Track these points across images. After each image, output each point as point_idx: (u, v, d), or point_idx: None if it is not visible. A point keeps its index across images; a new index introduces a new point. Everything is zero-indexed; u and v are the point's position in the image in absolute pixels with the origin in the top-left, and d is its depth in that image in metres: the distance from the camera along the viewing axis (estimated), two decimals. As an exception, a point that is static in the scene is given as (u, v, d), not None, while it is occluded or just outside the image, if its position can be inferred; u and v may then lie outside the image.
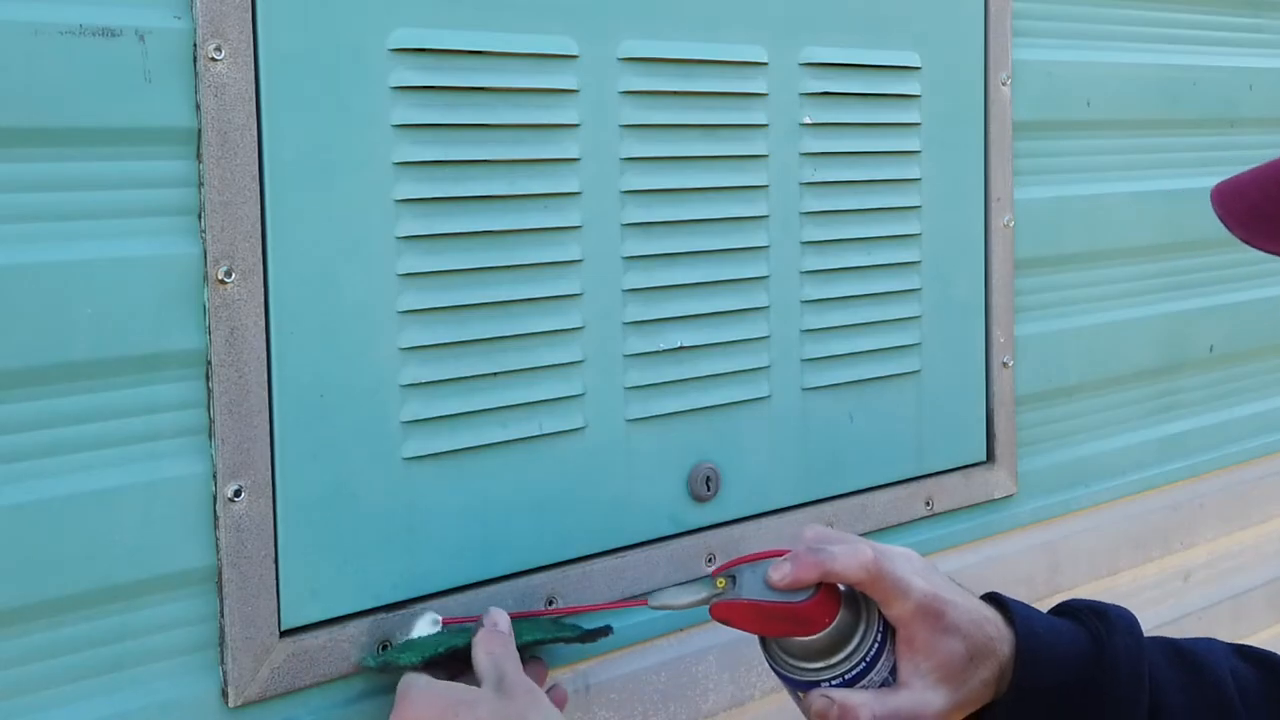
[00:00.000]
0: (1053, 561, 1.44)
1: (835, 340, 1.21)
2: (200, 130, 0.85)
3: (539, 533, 1.03)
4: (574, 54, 1.02)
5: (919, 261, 1.27)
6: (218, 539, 0.87)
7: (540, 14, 1.01)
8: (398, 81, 0.93)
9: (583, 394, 1.05)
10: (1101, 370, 1.48)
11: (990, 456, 1.36)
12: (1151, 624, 1.56)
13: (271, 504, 0.89)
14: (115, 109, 0.82)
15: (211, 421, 0.87)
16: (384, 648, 0.93)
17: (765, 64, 1.14)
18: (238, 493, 0.87)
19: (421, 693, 0.86)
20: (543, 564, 1.04)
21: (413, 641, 0.94)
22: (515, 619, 0.94)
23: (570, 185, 1.03)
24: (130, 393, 0.84)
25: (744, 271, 1.14)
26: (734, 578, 0.89)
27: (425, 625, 0.95)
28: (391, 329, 0.94)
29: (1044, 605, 1.44)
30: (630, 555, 1.08)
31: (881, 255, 1.23)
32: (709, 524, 1.14)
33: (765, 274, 1.15)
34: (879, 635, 0.88)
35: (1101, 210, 1.46)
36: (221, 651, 0.88)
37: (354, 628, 0.93)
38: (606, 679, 1.08)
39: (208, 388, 0.87)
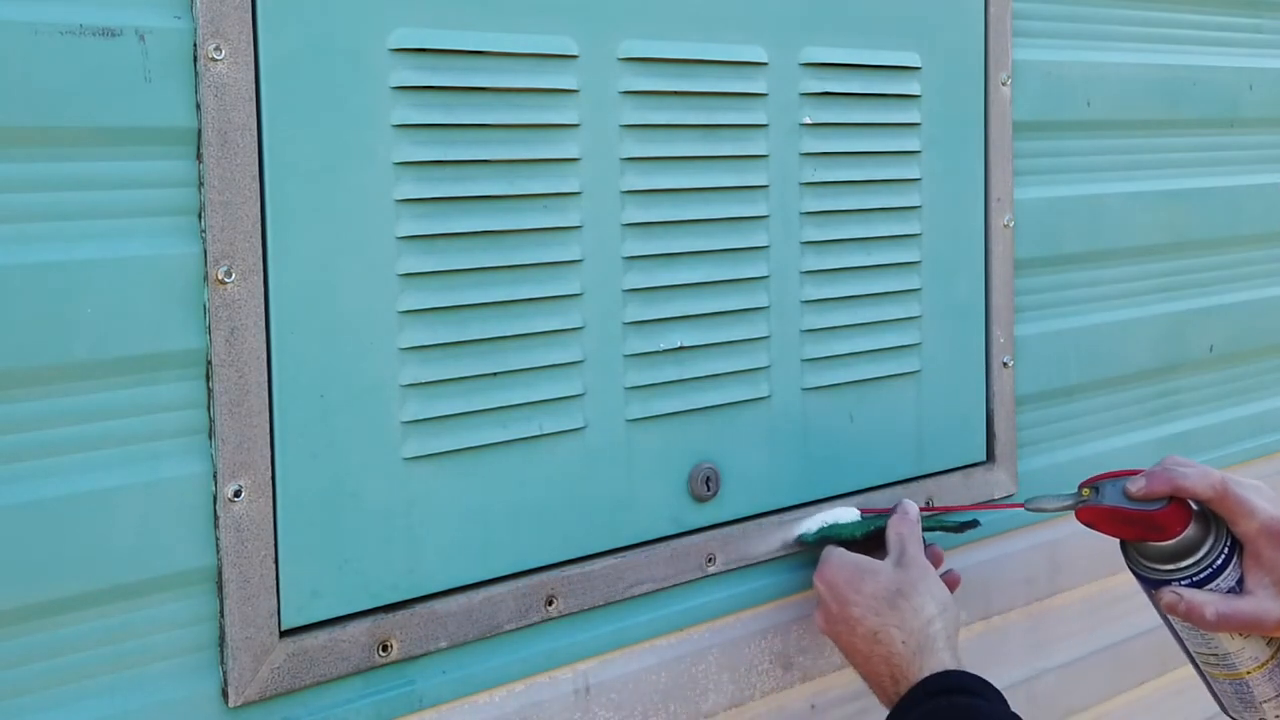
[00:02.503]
0: (1053, 561, 1.44)
1: (835, 340, 1.21)
2: (200, 130, 0.85)
3: (539, 533, 1.03)
4: (574, 54, 1.02)
5: (919, 261, 1.27)
6: (218, 539, 0.87)
7: (540, 14, 1.01)
8: (398, 81, 0.93)
9: (583, 394, 1.05)
10: (1101, 370, 1.48)
11: (990, 456, 1.36)
12: (1151, 624, 1.56)
13: (271, 504, 0.89)
14: (115, 109, 0.82)
15: (211, 421, 0.87)
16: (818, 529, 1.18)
17: (765, 64, 1.14)
18: (238, 493, 0.87)
19: (838, 559, 1.11)
20: (543, 564, 1.04)
21: (840, 525, 1.18)
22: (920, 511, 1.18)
23: (570, 185, 1.03)
24: (130, 393, 0.84)
25: (744, 271, 1.14)
26: (1098, 489, 1.05)
27: (846, 514, 1.19)
28: (391, 329, 0.94)
29: (1044, 606, 1.44)
30: (630, 555, 1.08)
31: (881, 255, 1.24)
32: (709, 524, 1.14)
33: (765, 274, 1.15)
34: (1225, 547, 1.00)
35: (1101, 210, 1.46)
36: (221, 651, 0.88)
37: (354, 628, 0.93)
38: (606, 679, 1.08)
39: (208, 388, 0.87)
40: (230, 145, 0.86)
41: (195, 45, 0.85)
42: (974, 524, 1.22)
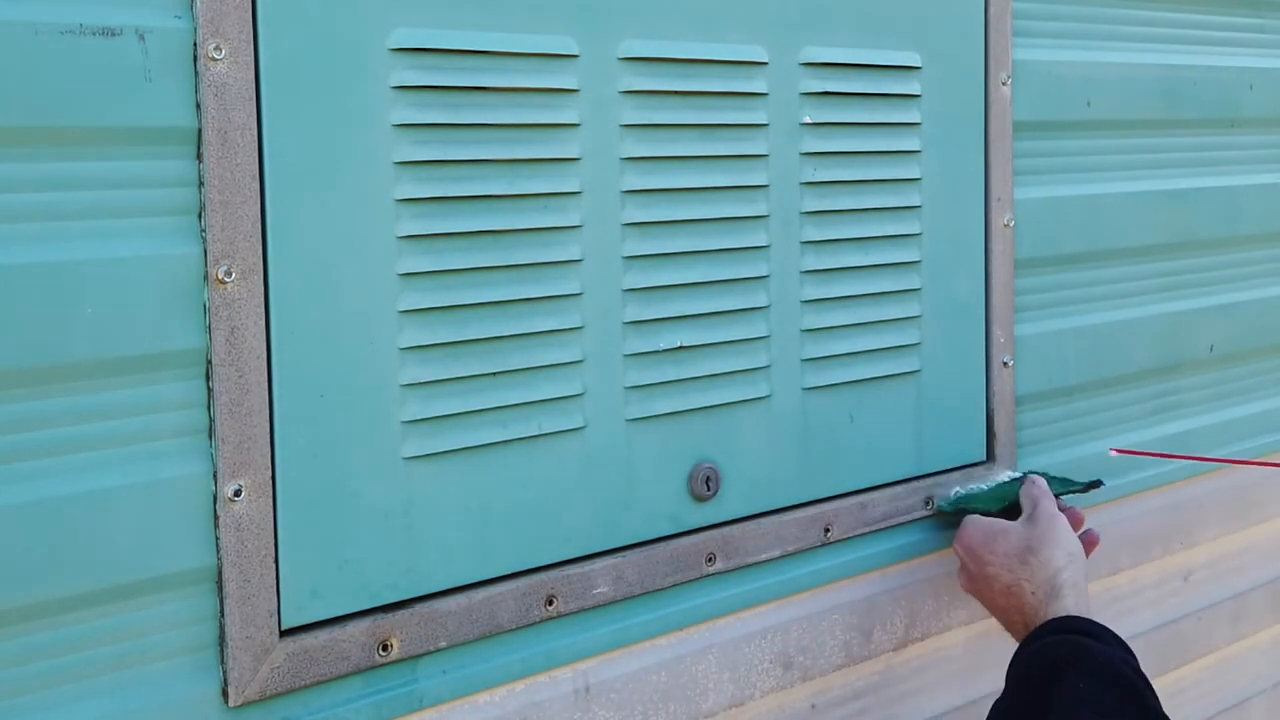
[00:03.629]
0: (1053, 561, 1.44)
1: (835, 340, 1.21)
2: (200, 130, 0.85)
3: (539, 533, 1.03)
4: (574, 54, 1.02)
5: (919, 261, 1.27)
6: (218, 539, 0.87)
7: (540, 14, 1.01)
8: (398, 81, 0.93)
9: (583, 394, 1.05)
10: (1101, 370, 1.48)
11: (990, 456, 1.36)
12: (1151, 624, 1.57)
13: (271, 504, 0.89)
14: (115, 109, 0.82)
15: (211, 421, 0.87)
16: (953, 500, 1.29)
17: (765, 64, 1.14)
18: (238, 492, 0.87)
19: (974, 525, 1.22)
20: (543, 564, 1.04)
21: (976, 494, 1.30)
22: (1036, 474, 1.31)
23: (570, 185, 1.03)
24: (130, 393, 0.84)
25: (744, 271, 1.14)
26: None
27: (979, 487, 1.32)
28: (391, 329, 0.94)
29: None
30: (630, 555, 1.08)
31: (881, 255, 1.24)
32: (709, 524, 1.14)
33: (765, 274, 1.15)
34: None
35: (1101, 210, 1.46)
36: (221, 651, 0.88)
37: (354, 627, 0.93)
38: (606, 679, 1.08)
39: (208, 388, 0.87)
40: (230, 145, 0.86)
41: (195, 45, 0.85)
42: (1099, 483, 1.34)
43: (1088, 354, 1.46)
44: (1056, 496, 1.26)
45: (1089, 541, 1.22)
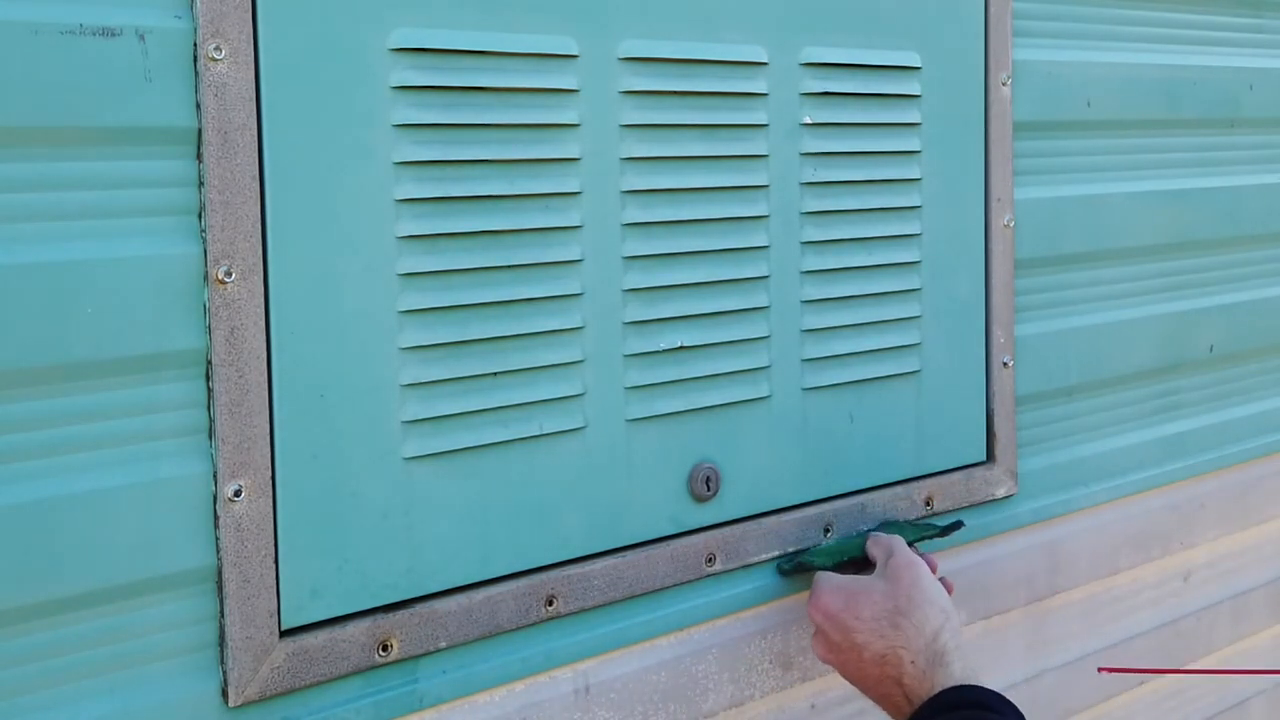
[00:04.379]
0: (1053, 561, 1.44)
1: (835, 340, 1.21)
2: (200, 130, 0.85)
3: (539, 533, 1.03)
4: (574, 54, 1.02)
5: (919, 261, 1.27)
6: (218, 539, 0.87)
7: (540, 14, 1.01)
8: (398, 81, 0.93)
9: (583, 394, 1.05)
10: (1101, 370, 1.48)
11: (990, 456, 1.36)
12: (1151, 624, 1.57)
13: (271, 504, 0.89)
14: (115, 109, 0.82)
15: (211, 421, 0.87)
16: (793, 556, 1.17)
17: (765, 64, 1.14)
18: (238, 493, 0.87)
19: (830, 586, 1.09)
20: (543, 564, 1.04)
21: (818, 549, 1.18)
22: (887, 524, 1.22)
23: (570, 185, 1.03)
24: (130, 393, 0.84)
25: (744, 271, 1.14)
26: None
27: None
28: (391, 329, 0.94)
29: (1044, 606, 1.44)
30: (630, 555, 1.08)
31: (881, 255, 1.23)
32: (709, 524, 1.14)
33: (765, 274, 1.15)
34: None
35: (1101, 210, 1.46)
36: (221, 651, 0.88)
37: (354, 628, 0.93)
38: (606, 679, 1.08)
39: (208, 388, 0.87)
40: (230, 145, 0.86)
41: (195, 45, 0.85)
42: (959, 524, 1.23)
43: (1088, 354, 1.46)
44: (911, 544, 1.17)
45: (946, 588, 1.11)
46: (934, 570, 1.13)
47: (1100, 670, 1.36)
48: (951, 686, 0.98)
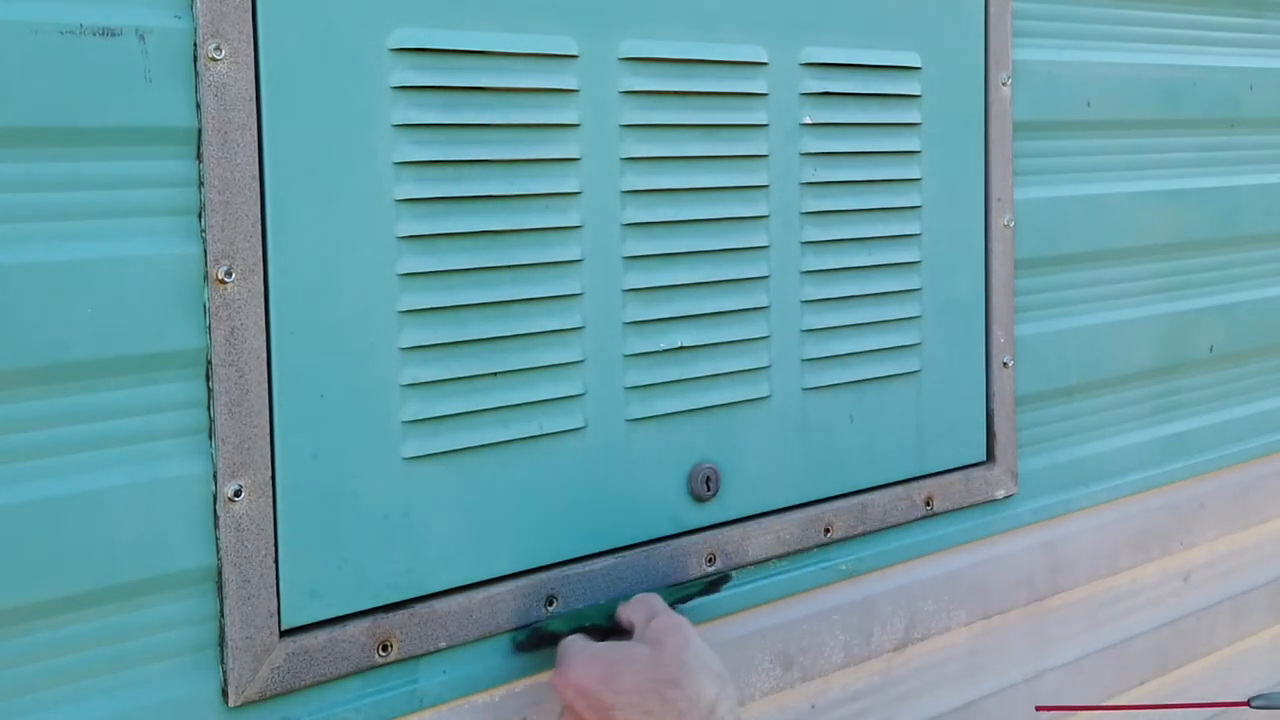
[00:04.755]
0: (1053, 562, 1.44)
1: (835, 340, 1.21)
2: (200, 130, 0.85)
3: (539, 533, 1.03)
4: (574, 54, 1.02)
5: (919, 261, 1.27)
6: (218, 539, 0.87)
7: (540, 14, 1.01)
8: (398, 81, 0.93)
9: (583, 394, 1.05)
10: (1101, 370, 1.48)
11: (990, 456, 1.36)
12: (1151, 624, 1.56)
13: (271, 504, 0.89)
14: (115, 109, 0.82)
15: (211, 421, 0.87)
16: (529, 627, 1.00)
17: (765, 64, 1.14)
18: (238, 493, 0.87)
19: (583, 653, 0.91)
20: (543, 564, 1.04)
21: (558, 615, 1.01)
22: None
23: (570, 185, 1.03)
24: (130, 393, 0.84)
25: (744, 271, 1.14)
26: None
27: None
28: (391, 329, 0.94)
29: (1044, 606, 1.44)
30: (630, 555, 1.08)
31: (881, 255, 1.23)
32: (709, 524, 1.14)
33: (765, 274, 1.15)
34: None
35: (1101, 210, 1.46)
36: (221, 651, 0.88)
37: (354, 628, 0.93)
38: (606, 679, 1.08)
39: (208, 387, 0.87)
40: (230, 145, 0.86)
41: (195, 45, 0.85)
42: (725, 578, 1.11)
43: (1088, 354, 1.46)
44: (672, 604, 1.03)
45: None
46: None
47: (1038, 709, 1.36)
48: None
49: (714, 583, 1.10)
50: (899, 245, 1.25)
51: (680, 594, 1.08)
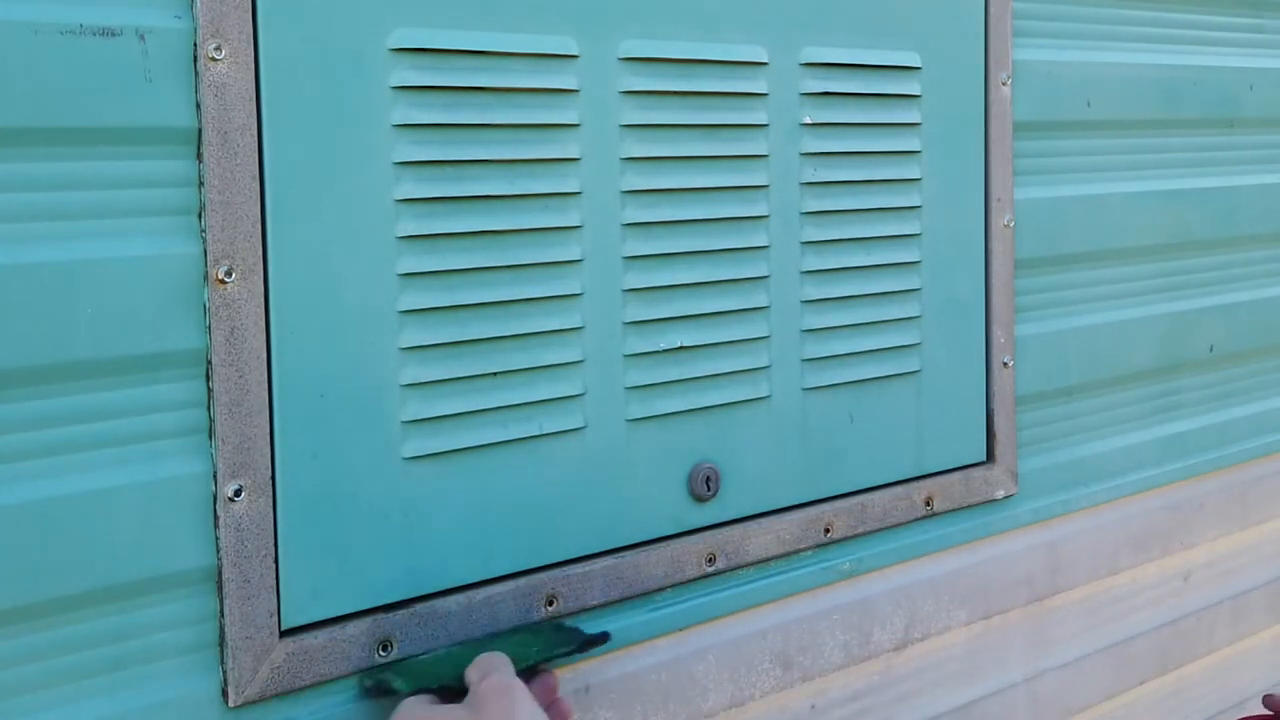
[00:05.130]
0: (1053, 561, 1.44)
1: (835, 340, 1.21)
2: (200, 130, 0.85)
3: (539, 533, 1.03)
4: (574, 54, 1.02)
5: (919, 261, 1.27)
6: (218, 539, 0.87)
7: (540, 14, 1.01)
8: (398, 81, 0.93)
9: (583, 394, 1.05)
10: (1101, 370, 1.48)
11: (990, 456, 1.36)
12: (1151, 624, 1.56)
13: (271, 504, 0.89)
14: (115, 109, 0.82)
15: (211, 421, 0.87)
16: (377, 671, 0.94)
17: (765, 64, 1.14)
18: (238, 492, 0.87)
19: (409, 712, 0.88)
20: (543, 564, 1.04)
21: (414, 661, 0.95)
22: (516, 630, 0.99)
23: (570, 185, 1.03)
24: (130, 393, 0.84)
25: (744, 271, 1.14)
26: None
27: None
28: (391, 329, 0.94)
29: (1044, 606, 1.44)
30: (630, 555, 1.08)
31: (881, 255, 1.24)
32: (709, 524, 1.14)
33: (765, 274, 1.15)
34: None
35: (1101, 210, 1.46)
36: (221, 651, 0.88)
37: (354, 627, 0.93)
38: (606, 679, 1.08)
39: (208, 387, 0.87)
40: (230, 145, 0.86)
41: (195, 45, 0.85)
42: (603, 637, 1.03)
43: (1088, 354, 1.46)
44: (543, 660, 0.99)
45: (562, 712, 0.96)
46: (551, 693, 0.97)
47: None
48: None
49: (590, 641, 1.02)
50: (899, 245, 1.25)
51: (549, 652, 0.99)
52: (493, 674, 0.89)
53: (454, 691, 0.92)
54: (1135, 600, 1.56)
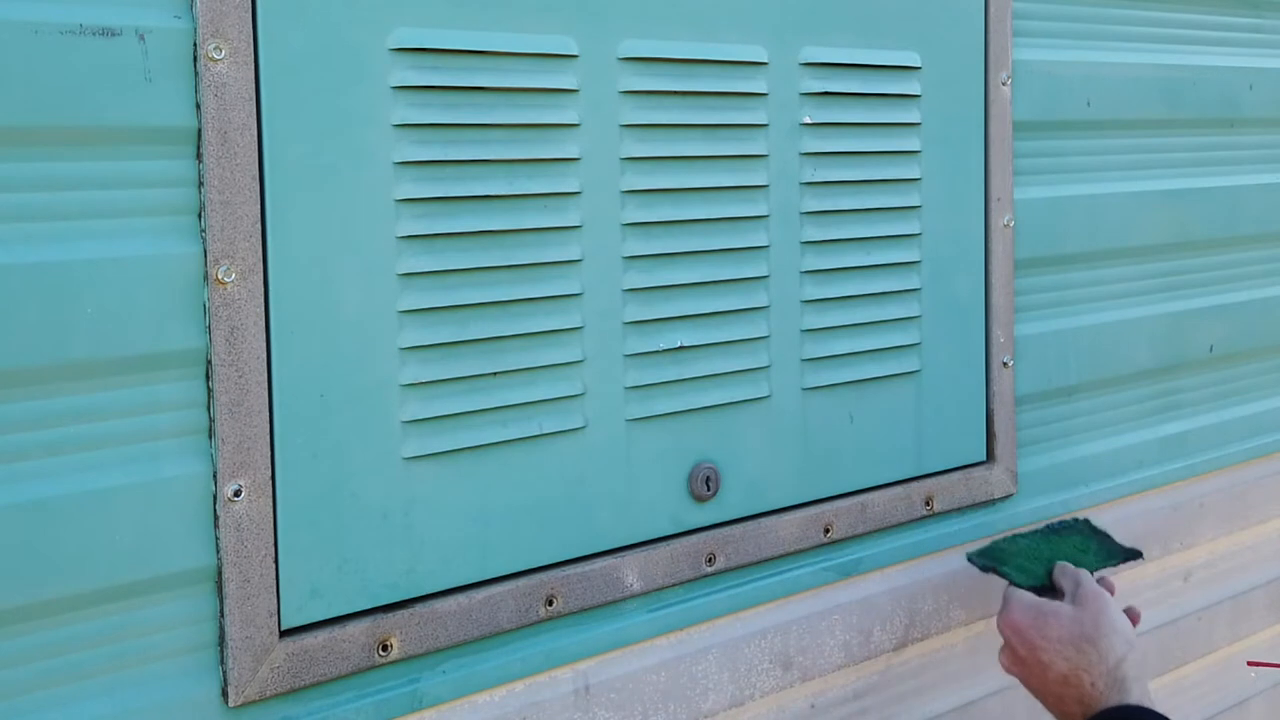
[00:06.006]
0: (1053, 561, 1.44)
1: (835, 340, 1.21)
2: (200, 130, 0.85)
3: (539, 533, 1.03)
4: (574, 54, 1.02)
5: (919, 261, 1.27)
6: (218, 539, 0.87)
7: (540, 14, 1.01)
8: (398, 81, 0.93)
9: (583, 394, 1.05)
10: (1101, 370, 1.48)
11: (990, 456, 1.36)
12: (1151, 624, 1.56)
13: (271, 504, 0.89)
14: (115, 109, 0.82)
15: (211, 421, 0.87)
16: (987, 552, 1.27)
17: (765, 64, 1.14)
18: (238, 492, 0.87)
19: (1020, 603, 1.16)
20: (543, 564, 1.04)
21: (1010, 551, 1.27)
22: (1063, 537, 1.31)
23: (570, 185, 1.03)
24: (130, 393, 0.84)
25: (744, 271, 1.14)
26: None
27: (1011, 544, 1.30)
28: (391, 329, 0.94)
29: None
30: (630, 555, 1.08)
31: (881, 255, 1.24)
32: (709, 524, 1.14)
33: (765, 274, 1.15)
34: None
35: (1101, 210, 1.46)
36: (221, 651, 0.88)
37: (354, 628, 0.93)
38: (606, 679, 1.08)
39: (208, 388, 0.87)
40: (230, 145, 0.86)
41: (195, 45, 0.85)
42: (1138, 554, 1.29)
43: (1088, 354, 1.46)
44: (1093, 570, 1.23)
45: (1131, 617, 1.17)
46: (1113, 593, 1.19)
47: (1249, 664, 1.50)
48: (1118, 705, 1.06)
49: (1127, 557, 1.28)
50: (899, 245, 1.25)
51: (1100, 562, 1.26)
52: (1084, 581, 1.16)
53: (1040, 589, 1.20)
54: (1135, 600, 1.56)
